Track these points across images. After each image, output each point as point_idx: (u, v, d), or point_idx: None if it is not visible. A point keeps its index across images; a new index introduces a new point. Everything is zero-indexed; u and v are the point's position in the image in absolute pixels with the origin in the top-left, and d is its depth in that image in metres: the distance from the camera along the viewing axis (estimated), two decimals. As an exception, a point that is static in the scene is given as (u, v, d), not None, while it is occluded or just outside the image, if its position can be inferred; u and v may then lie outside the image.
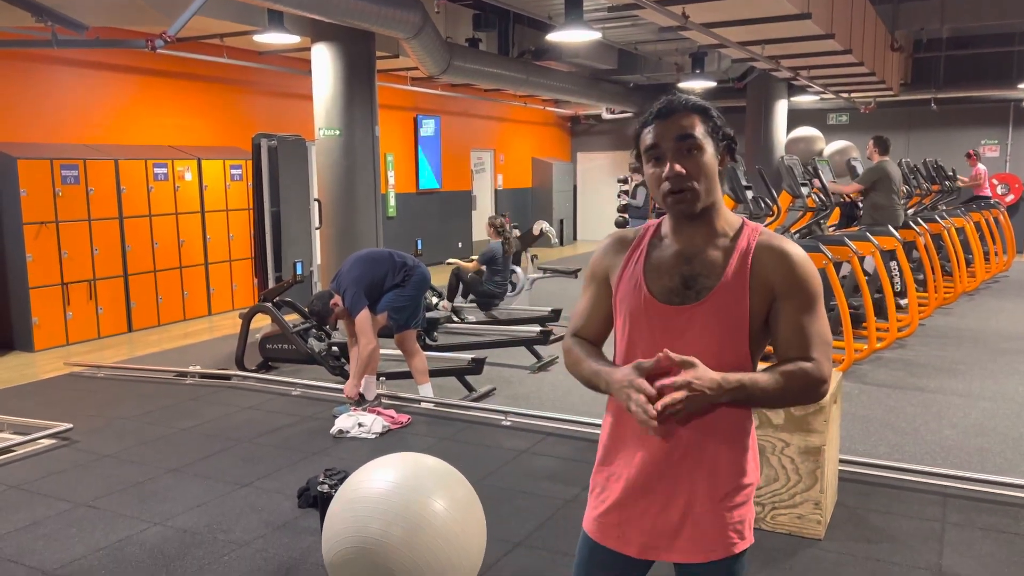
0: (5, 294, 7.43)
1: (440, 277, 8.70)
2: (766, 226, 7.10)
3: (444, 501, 2.76)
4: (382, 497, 2.73)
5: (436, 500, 2.75)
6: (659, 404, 1.50)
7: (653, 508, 1.66)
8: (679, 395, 1.49)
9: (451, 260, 8.60)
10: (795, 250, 1.61)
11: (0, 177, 7.25)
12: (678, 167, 1.58)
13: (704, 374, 1.51)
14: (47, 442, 4.73)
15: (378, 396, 5.28)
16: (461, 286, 8.46)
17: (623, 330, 1.69)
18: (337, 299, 5.07)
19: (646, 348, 1.63)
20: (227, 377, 6.14)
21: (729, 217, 1.66)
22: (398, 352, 5.52)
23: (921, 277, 8.37)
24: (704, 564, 1.65)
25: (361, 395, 5.16)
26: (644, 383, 1.54)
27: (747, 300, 1.58)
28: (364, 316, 4.99)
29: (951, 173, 11.42)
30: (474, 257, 8.58)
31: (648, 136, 1.62)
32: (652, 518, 1.66)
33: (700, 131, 1.59)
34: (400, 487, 2.76)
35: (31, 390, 6.04)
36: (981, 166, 12.48)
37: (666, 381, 1.52)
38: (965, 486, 3.87)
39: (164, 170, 8.50)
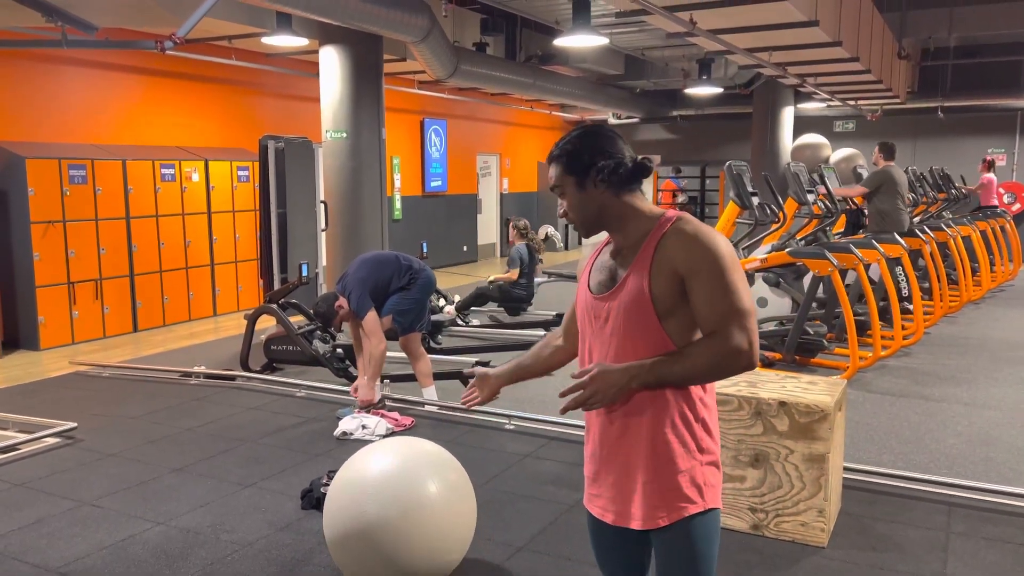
0: (12, 293, 7.46)
1: (445, 281, 8.70)
2: (771, 232, 7.13)
3: (437, 484, 2.94)
4: (380, 479, 2.91)
5: (430, 483, 2.93)
6: (570, 399, 1.75)
7: (610, 480, 1.85)
8: (577, 396, 1.73)
9: (494, 277, 8.55)
10: (696, 229, 1.75)
11: (8, 176, 7.28)
12: (560, 209, 1.91)
13: (601, 375, 1.71)
14: (52, 440, 4.74)
15: (382, 398, 5.29)
16: (480, 298, 8.39)
17: (579, 322, 1.95)
18: (342, 301, 5.08)
19: (589, 335, 1.89)
20: (231, 378, 6.15)
21: (649, 214, 1.84)
22: (402, 354, 5.53)
23: (927, 285, 8.36)
24: (661, 528, 1.78)
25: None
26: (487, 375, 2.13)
27: (647, 282, 1.75)
28: (372, 317, 4.99)
29: (961, 180, 11.39)
30: (511, 271, 8.52)
31: None
32: (612, 489, 1.85)
33: (561, 177, 1.85)
34: (397, 470, 2.94)
35: (36, 388, 6.06)
36: (991, 175, 12.38)
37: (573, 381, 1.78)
38: (970, 495, 3.86)
39: (171, 171, 8.53)
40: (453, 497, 2.99)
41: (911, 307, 7.39)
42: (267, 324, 6.97)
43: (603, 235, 1.95)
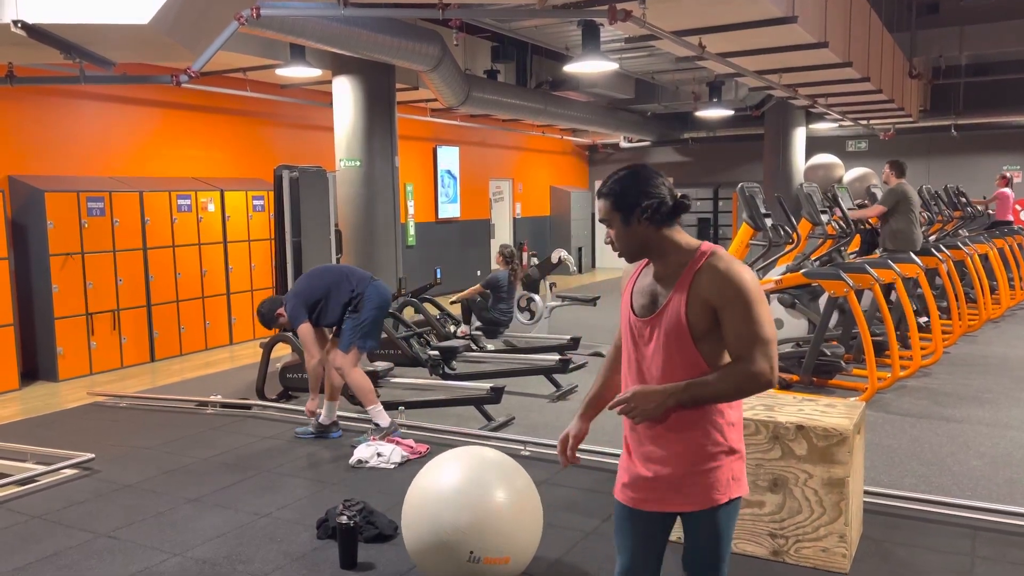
0: (31, 324, 7.53)
1: (457, 306, 8.71)
2: (785, 253, 7.10)
3: (505, 491, 3.19)
4: (453, 490, 3.15)
5: (498, 491, 3.18)
6: (616, 410, 2.07)
7: (648, 474, 2.11)
8: (621, 407, 2.05)
9: (455, 299, 8.61)
10: (728, 267, 2.01)
11: (28, 210, 7.39)
12: (607, 238, 2.16)
13: (640, 394, 2.02)
14: (69, 472, 4.76)
15: (396, 425, 5.27)
16: (466, 311, 8.47)
17: (624, 339, 2.20)
18: (282, 310, 5.17)
19: (630, 353, 2.16)
20: (247, 407, 6.17)
21: (687, 247, 2.08)
22: (416, 381, 5.52)
23: (945, 304, 8.28)
24: (694, 512, 2.09)
25: (377, 425, 5.15)
26: (568, 434, 2.32)
27: (684, 310, 2.02)
28: (305, 329, 5.05)
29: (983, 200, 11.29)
30: (476, 286, 8.60)
31: None
32: (649, 481, 2.11)
33: (608, 212, 2.09)
34: (467, 480, 3.20)
35: (55, 419, 6.09)
36: (1007, 190, 12.24)
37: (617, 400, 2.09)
38: (995, 519, 3.79)
39: (187, 201, 8.63)
40: (520, 505, 3.23)
41: (924, 321, 7.31)
42: (283, 352, 6.99)
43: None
